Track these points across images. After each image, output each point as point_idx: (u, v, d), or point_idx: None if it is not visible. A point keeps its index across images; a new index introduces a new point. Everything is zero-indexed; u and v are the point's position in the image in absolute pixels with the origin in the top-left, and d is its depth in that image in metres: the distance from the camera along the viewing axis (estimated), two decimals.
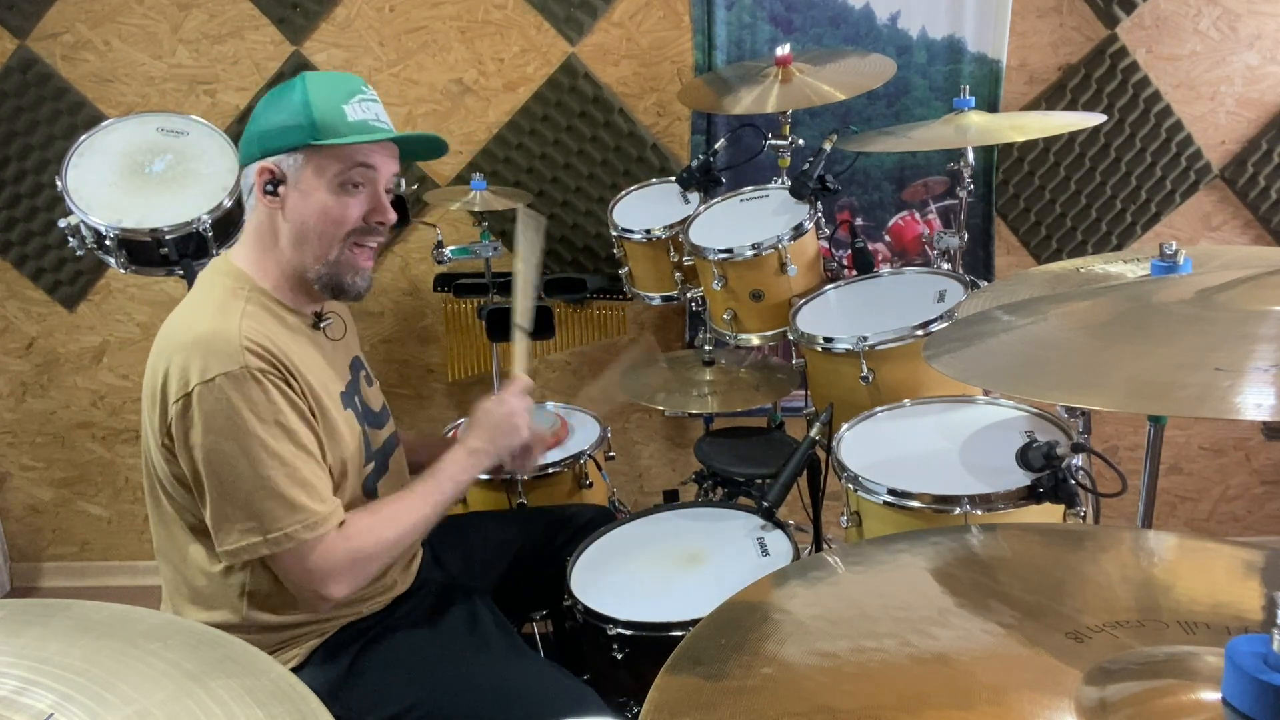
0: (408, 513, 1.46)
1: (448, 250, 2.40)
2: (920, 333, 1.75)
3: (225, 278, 1.45)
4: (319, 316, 1.54)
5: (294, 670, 1.41)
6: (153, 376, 1.37)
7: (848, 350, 1.80)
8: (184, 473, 1.37)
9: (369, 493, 1.55)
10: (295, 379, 1.39)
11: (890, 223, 2.70)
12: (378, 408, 1.64)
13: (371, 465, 1.56)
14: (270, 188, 1.43)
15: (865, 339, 1.77)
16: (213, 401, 1.30)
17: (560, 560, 1.74)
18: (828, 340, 1.84)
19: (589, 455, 2.11)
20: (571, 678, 1.48)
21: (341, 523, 1.39)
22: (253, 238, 1.48)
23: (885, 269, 2.57)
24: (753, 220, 2.15)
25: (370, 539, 1.40)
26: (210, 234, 2.06)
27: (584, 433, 2.21)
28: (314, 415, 1.41)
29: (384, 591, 1.56)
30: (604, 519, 1.93)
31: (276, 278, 1.46)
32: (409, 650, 1.50)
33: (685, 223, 2.21)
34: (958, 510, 1.40)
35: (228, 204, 2.09)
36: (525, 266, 1.82)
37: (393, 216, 1.49)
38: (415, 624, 1.55)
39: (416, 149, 1.60)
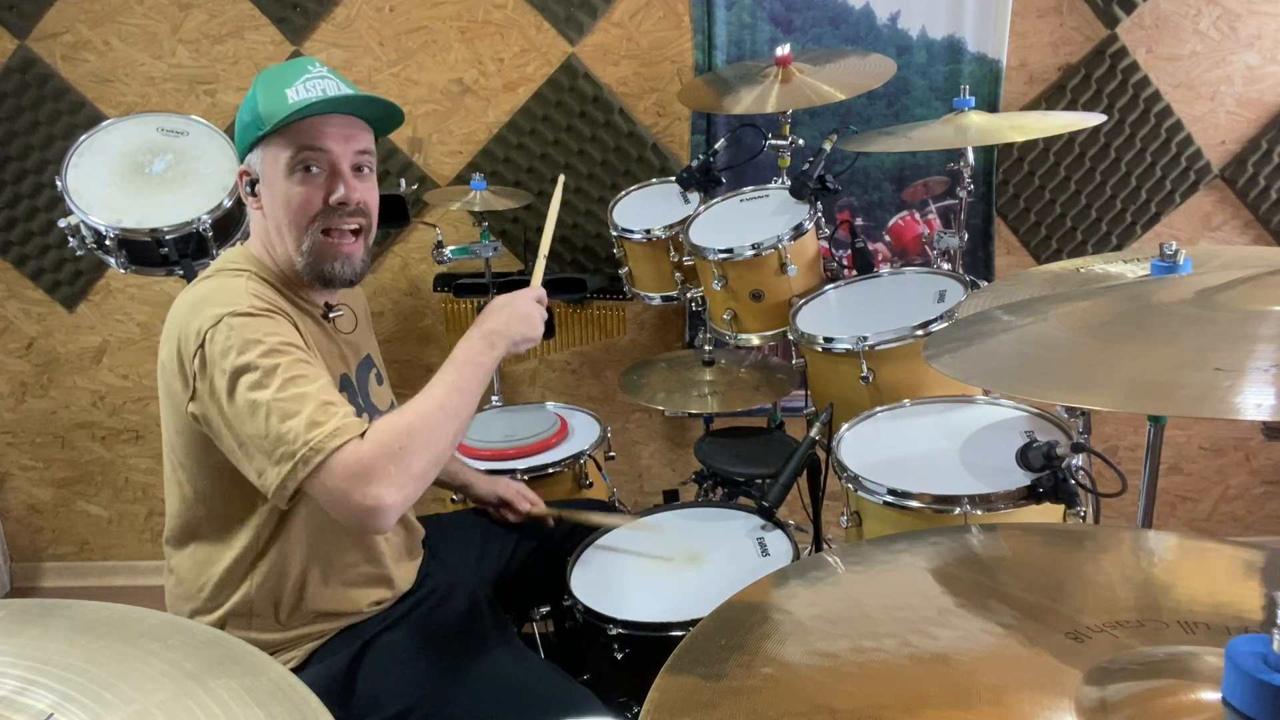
0: (431, 401, 1.35)
1: (448, 250, 2.40)
2: (920, 333, 1.75)
3: (239, 258, 1.47)
4: (329, 308, 1.54)
5: (293, 671, 1.42)
6: (168, 354, 1.36)
7: (848, 350, 1.80)
8: (205, 456, 1.36)
9: None
10: (300, 330, 1.39)
11: (890, 223, 2.70)
12: (385, 408, 1.64)
13: None
14: (249, 189, 1.45)
15: (865, 339, 1.77)
16: (223, 339, 1.29)
17: (560, 559, 1.74)
18: (828, 340, 1.84)
19: (589, 455, 2.11)
20: (569, 678, 1.48)
21: (367, 429, 1.31)
22: (256, 235, 1.50)
23: (885, 269, 2.57)
24: (753, 220, 2.15)
25: (392, 430, 1.29)
26: (210, 234, 2.06)
27: (584, 433, 2.21)
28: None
29: (383, 593, 1.56)
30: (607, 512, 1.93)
31: (279, 269, 1.47)
32: (407, 651, 1.50)
33: (685, 223, 2.21)
34: (958, 510, 1.40)
35: (228, 204, 2.09)
36: (552, 216, 1.72)
37: (355, 195, 1.42)
38: (414, 625, 1.55)
39: (374, 115, 1.48)
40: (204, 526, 1.44)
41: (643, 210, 2.37)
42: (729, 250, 2.03)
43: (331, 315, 1.53)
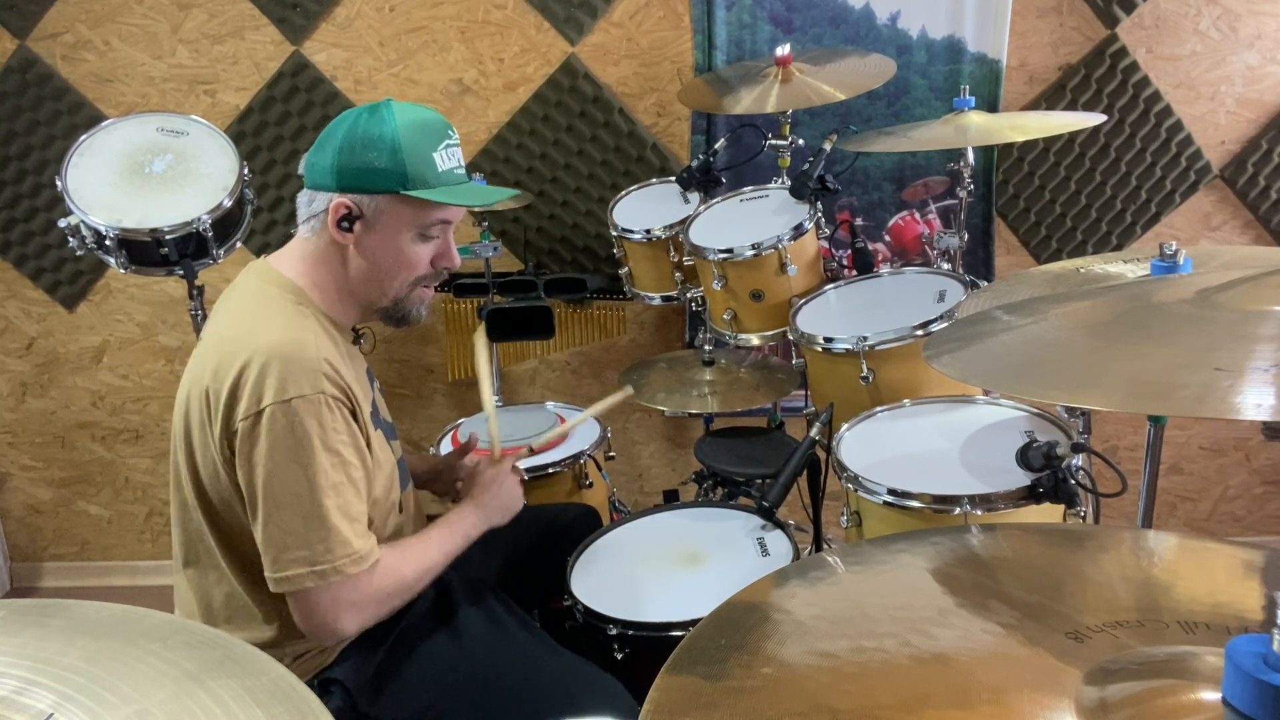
0: (426, 558, 1.47)
1: None
2: (920, 333, 1.75)
3: (280, 289, 1.42)
4: (356, 332, 1.55)
5: (324, 670, 1.44)
6: (216, 380, 1.32)
7: (848, 350, 1.80)
8: (222, 484, 1.36)
9: (400, 508, 1.56)
10: (357, 406, 1.39)
11: (890, 223, 2.70)
12: (389, 421, 1.65)
13: (399, 481, 1.56)
14: (346, 224, 1.40)
15: (865, 339, 1.77)
16: (285, 423, 1.28)
17: (547, 561, 1.74)
18: (828, 340, 1.84)
19: (589, 455, 2.11)
20: (596, 668, 1.48)
21: (377, 561, 1.38)
22: (311, 257, 1.45)
23: (885, 269, 2.57)
24: (753, 220, 2.15)
25: (394, 579, 1.40)
26: (210, 234, 2.06)
27: (584, 433, 2.21)
28: (366, 441, 1.41)
29: None
30: (588, 518, 1.93)
31: (331, 296, 1.46)
32: (437, 645, 1.50)
33: (685, 223, 2.21)
34: (958, 510, 1.40)
35: (228, 204, 2.09)
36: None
37: (458, 262, 1.52)
38: (440, 619, 1.55)
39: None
40: (216, 546, 1.42)
41: (643, 210, 2.38)
42: (729, 250, 2.03)
43: (359, 340, 1.55)
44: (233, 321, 1.41)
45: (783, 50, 2.23)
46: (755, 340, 2.15)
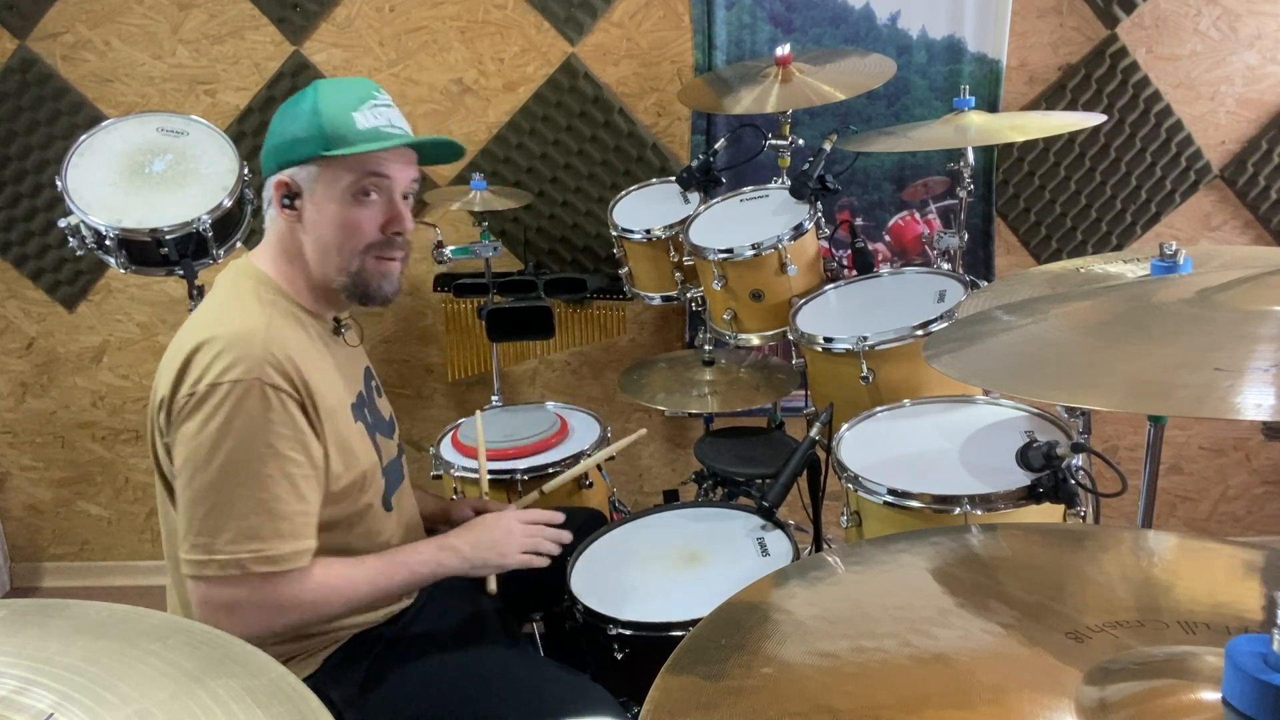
0: (347, 584, 1.38)
1: (448, 250, 2.40)
2: (920, 333, 1.75)
3: (250, 280, 1.43)
4: (338, 322, 1.53)
5: (308, 679, 1.40)
6: (168, 370, 1.33)
7: (848, 350, 1.80)
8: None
9: (388, 506, 1.53)
10: (311, 399, 1.35)
11: (890, 223, 2.70)
12: (386, 417, 1.63)
13: (385, 479, 1.53)
14: (287, 201, 1.41)
15: (865, 339, 1.77)
16: (216, 404, 1.27)
17: (550, 566, 1.73)
18: (828, 340, 1.84)
19: (589, 455, 2.11)
20: (581, 676, 1.47)
21: (296, 570, 1.31)
22: (275, 246, 1.46)
23: (885, 269, 2.57)
24: (753, 220, 2.15)
25: (290, 595, 1.32)
26: (210, 234, 2.06)
27: (584, 434, 2.21)
28: (319, 437, 1.36)
29: (395, 601, 1.55)
30: (596, 523, 1.93)
31: (300, 284, 1.45)
32: (420, 657, 1.49)
33: (685, 223, 2.21)
34: (958, 510, 1.40)
35: (228, 204, 2.09)
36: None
37: (410, 225, 1.46)
38: (425, 630, 1.54)
39: (433, 153, 1.54)
40: None
41: (643, 210, 2.38)
42: (729, 250, 2.03)
43: (342, 330, 1.53)
44: (198, 315, 1.41)
45: (783, 50, 2.23)
46: (755, 340, 2.15)
